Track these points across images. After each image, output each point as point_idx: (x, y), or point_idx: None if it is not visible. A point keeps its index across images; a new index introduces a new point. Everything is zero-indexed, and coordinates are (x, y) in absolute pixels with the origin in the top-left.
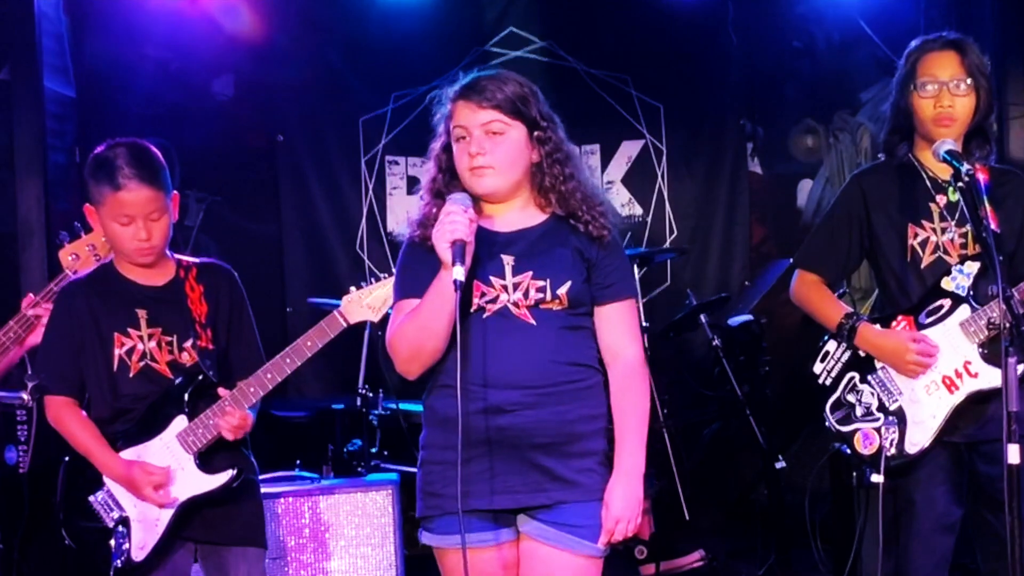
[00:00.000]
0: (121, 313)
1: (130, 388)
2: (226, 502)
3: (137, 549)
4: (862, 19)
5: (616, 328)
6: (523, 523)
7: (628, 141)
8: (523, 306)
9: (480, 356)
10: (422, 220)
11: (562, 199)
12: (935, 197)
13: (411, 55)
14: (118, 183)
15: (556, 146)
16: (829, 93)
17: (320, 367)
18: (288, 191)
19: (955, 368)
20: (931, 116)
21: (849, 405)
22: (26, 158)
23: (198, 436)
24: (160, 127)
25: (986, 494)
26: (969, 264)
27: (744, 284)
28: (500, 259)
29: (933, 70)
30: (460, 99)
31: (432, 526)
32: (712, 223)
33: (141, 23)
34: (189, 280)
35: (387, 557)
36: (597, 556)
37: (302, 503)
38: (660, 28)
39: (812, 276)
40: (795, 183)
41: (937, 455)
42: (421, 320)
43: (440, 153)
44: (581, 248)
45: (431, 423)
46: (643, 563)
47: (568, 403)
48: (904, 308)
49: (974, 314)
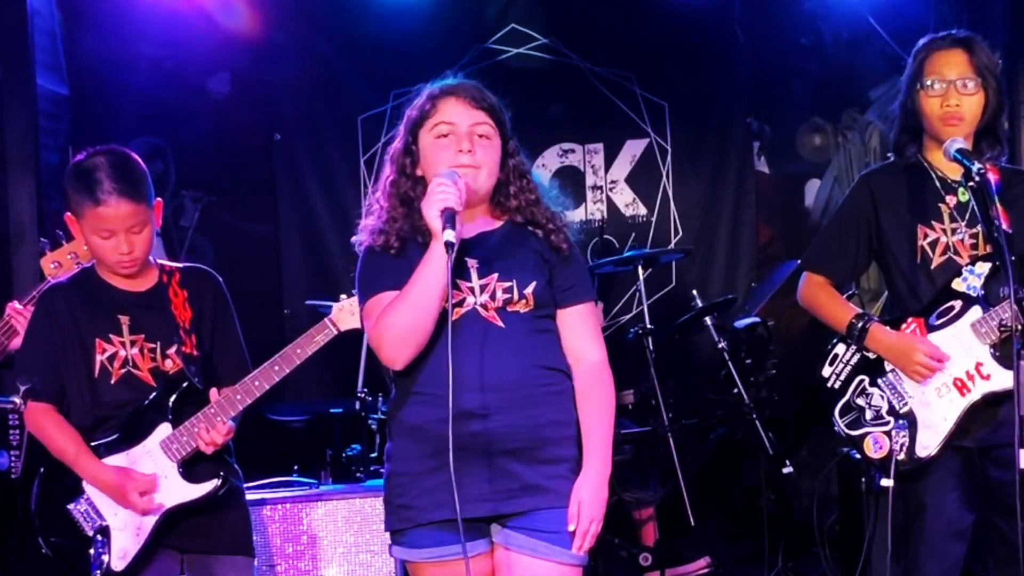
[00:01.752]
0: (103, 319)
1: (111, 395)
2: (211, 510)
3: (117, 559)
4: (871, 15)
5: (578, 331)
6: (496, 533)
7: (632, 140)
8: (491, 308)
9: (447, 361)
10: (381, 227)
11: (525, 209)
12: (945, 198)
13: (411, 52)
14: (98, 198)
15: (520, 162)
16: (837, 91)
17: (318, 370)
18: (286, 191)
19: (967, 370)
20: (938, 115)
21: (859, 409)
22: (18, 157)
23: (182, 444)
24: (155, 126)
25: (998, 499)
26: (980, 264)
27: (751, 285)
28: (464, 262)
29: (940, 69)
30: (451, 96)
31: (403, 540)
32: (718, 223)
33: (135, 20)
34: (172, 285)
35: (386, 564)
36: (577, 564)
37: (299, 509)
38: (665, 25)
39: (819, 278)
40: (803, 183)
41: (948, 460)
42: (412, 297)
43: (402, 156)
44: (541, 251)
45: (398, 434)
46: (648, 570)
47: (539, 407)
48: (914, 310)
49: (986, 315)
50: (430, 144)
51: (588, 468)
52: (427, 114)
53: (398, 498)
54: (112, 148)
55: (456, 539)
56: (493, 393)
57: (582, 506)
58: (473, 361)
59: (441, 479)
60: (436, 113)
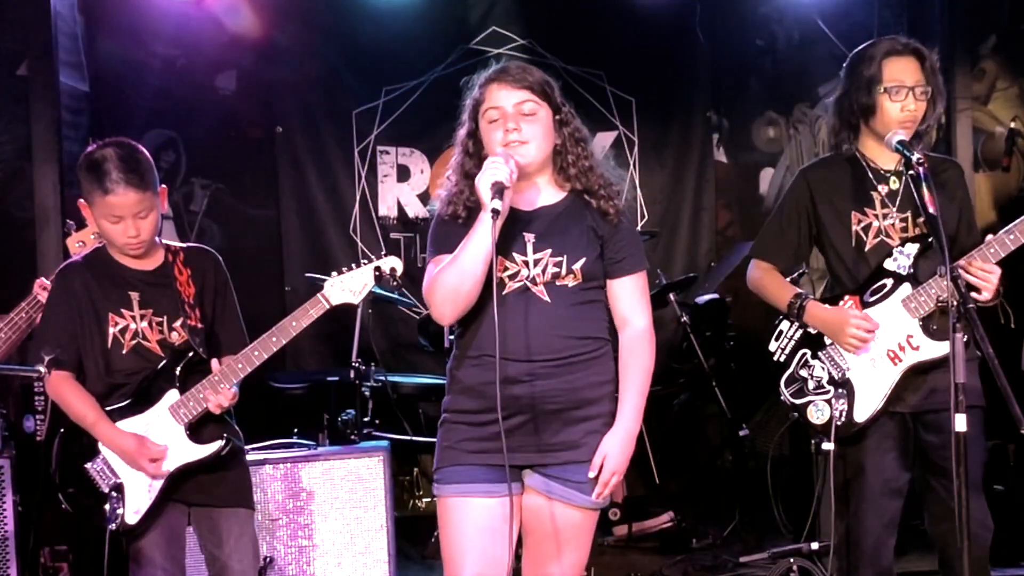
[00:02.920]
0: (115, 295)
1: (123, 364)
2: (216, 468)
3: (131, 513)
4: (820, 19)
5: (627, 299)
6: (528, 477)
7: (602, 132)
8: (540, 282)
9: (499, 331)
10: (450, 199)
11: (582, 176)
12: (877, 186)
13: (401, 52)
14: (107, 187)
15: (576, 128)
16: (789, 88)
17: (316, 342)
18: (287, 179)
19: (898, 342)
20: (898, 118)
21: (802, 380)
22: (43, 148)
23: (189, 408)
24: (167, 119)
25: (931, 461)
26: (909, 246)
27: (710, 265)
28: (522, 236)
29: (900, 75)
30: (493, 82)
31: (441, 475)
32: (680, 208)
33: (150, 22)
34: (177, 264)
35: (378, 519)
36: (595, 510)
37: (299, 468)
38: (632, 27)
39: (766, 264)
40: (758, 171)
41: (884, 424)
42: (460, 262)
43: (466, 139)
44: (595, 226)
45: (453, 390)
46: (616, 524)
47: (578, 372)
48: (851, 288)
49: (915, 291)
50: (485, 128)
51: (619, 424)
52: (479, 102)
53: (447, 440)
54: (120, 140)
55: (488, 478)
56: (536, 363)
57: (607, 458)
58: (519, 332)
59: (488, 431)
60: (485, 100)
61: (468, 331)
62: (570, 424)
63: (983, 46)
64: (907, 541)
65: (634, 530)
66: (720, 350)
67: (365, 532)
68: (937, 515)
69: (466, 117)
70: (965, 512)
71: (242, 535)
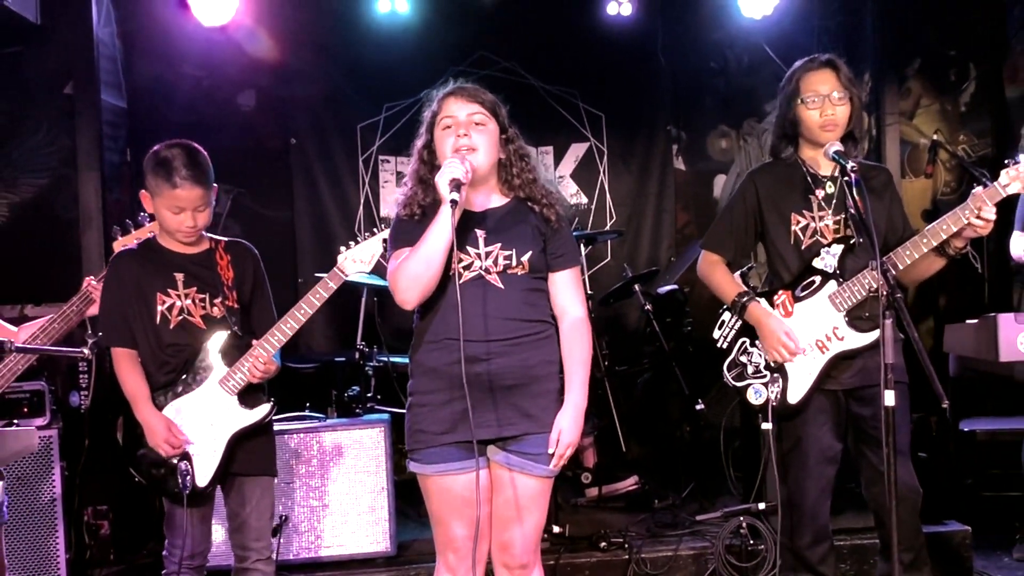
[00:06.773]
0: (161, 277)
1: (171, 338)
2: (250, 439)
3: (202, 476)
4: (766, 45)
5: (565, 291)
6: (494, 454)
7: (576, 143)
8: (493, 271)
9: (457, 315)
10: (407, 201)
11: (526, 187)
12: (814, 190)
13: (399, 73)
14: (175, 182)
15: (520, 146)
16: (739, 104)
17: (325, 327)
18: (299, 185)
19: (825, 333)
20: (818, 124)
21: (742, 365)
22: (86, 158)
23: (236, 380)
24: (195, 132)
25: (863, 431)
26: (835, 246)
27: (670, 260)
28: (475, 232)
29: (815, 86)
30: (450, 96)
31: (418, 457)
32: (644, 210)
33: (180, 47)
34: (219, 251)
35: (379, 482)
36: (550, 477)
37: (311, 438)
38: (602, 51)
39: (714, 256)
40: (712, 178)
41: (817, 400)
42: (424, 249)
43: (422, 149)
44: (538, 225)
45: (417, 374)
46: (588, 487)
47: (529, 351)
48: (786, 283)
49: (839, 288)
50: (439, 136)
51: (568, 402)
52: (436, 113)
53: (417, 424)
54: (184, 142)
55: (459, 456)
56: (493, 343)
57: (562, 433)
58: (477, 315)
59: (453, 409)
60: (441, 111)
61: (427, 317)
62: (525, 399)
63: (909, 68)
64: (843, 502)
65: (603, 492)
66: (679, 334)
67: (368, 494)
68: (870, 479)
69: (423, 129)
70: (894, 475)
71: (263, 497)
